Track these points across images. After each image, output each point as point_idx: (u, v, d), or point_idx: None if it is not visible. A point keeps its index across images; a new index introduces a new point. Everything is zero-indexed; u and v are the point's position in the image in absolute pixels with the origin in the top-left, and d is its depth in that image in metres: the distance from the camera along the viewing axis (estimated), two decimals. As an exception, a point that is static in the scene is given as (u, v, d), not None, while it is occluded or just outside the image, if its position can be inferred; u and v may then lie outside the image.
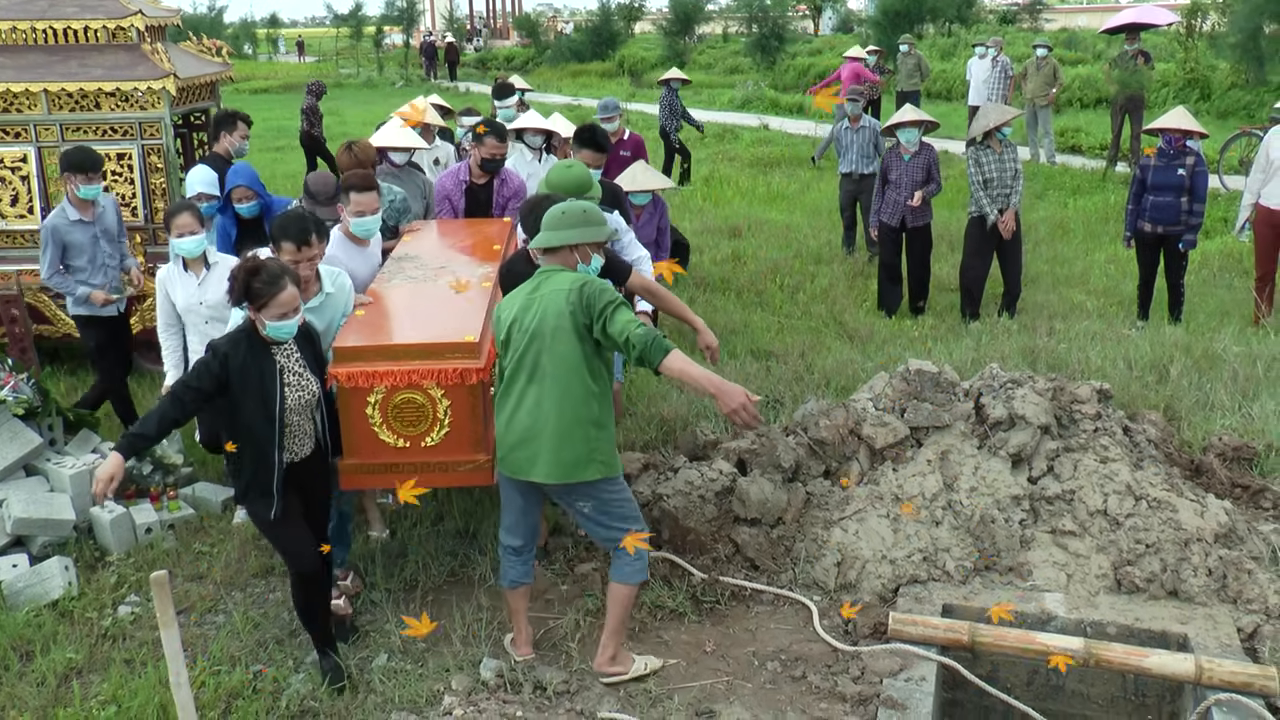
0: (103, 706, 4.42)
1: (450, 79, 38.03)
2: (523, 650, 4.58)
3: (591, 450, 4.16)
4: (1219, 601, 4.69)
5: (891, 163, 9.22)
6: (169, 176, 7.78)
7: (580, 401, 4.13)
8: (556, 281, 4.19)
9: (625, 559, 4.33)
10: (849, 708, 4.21)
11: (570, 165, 5.37)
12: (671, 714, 4.20)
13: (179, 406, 4.16)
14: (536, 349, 4.13)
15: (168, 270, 5.73)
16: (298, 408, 4.35)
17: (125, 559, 5.61)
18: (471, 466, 4.59)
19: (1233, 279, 10.30)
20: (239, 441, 4.31)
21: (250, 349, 4.26)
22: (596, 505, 4.28)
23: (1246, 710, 4.04)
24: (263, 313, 4.18)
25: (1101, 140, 17.11)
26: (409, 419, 4.50)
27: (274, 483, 4.32)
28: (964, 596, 4.81)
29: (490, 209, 6.87)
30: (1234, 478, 5.55)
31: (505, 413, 4.26)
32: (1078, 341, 7.46)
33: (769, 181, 15.90)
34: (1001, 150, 8.73)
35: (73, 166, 6.36)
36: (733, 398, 3.93)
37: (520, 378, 4.18)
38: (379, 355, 4.50)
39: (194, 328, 5.74)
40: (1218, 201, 12.65)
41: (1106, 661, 4.32)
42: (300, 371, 4.38)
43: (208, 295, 5.67)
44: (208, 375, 4.18)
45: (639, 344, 3.97)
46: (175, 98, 7.72)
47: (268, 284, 4.14)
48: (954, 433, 5.31)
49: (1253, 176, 8.72)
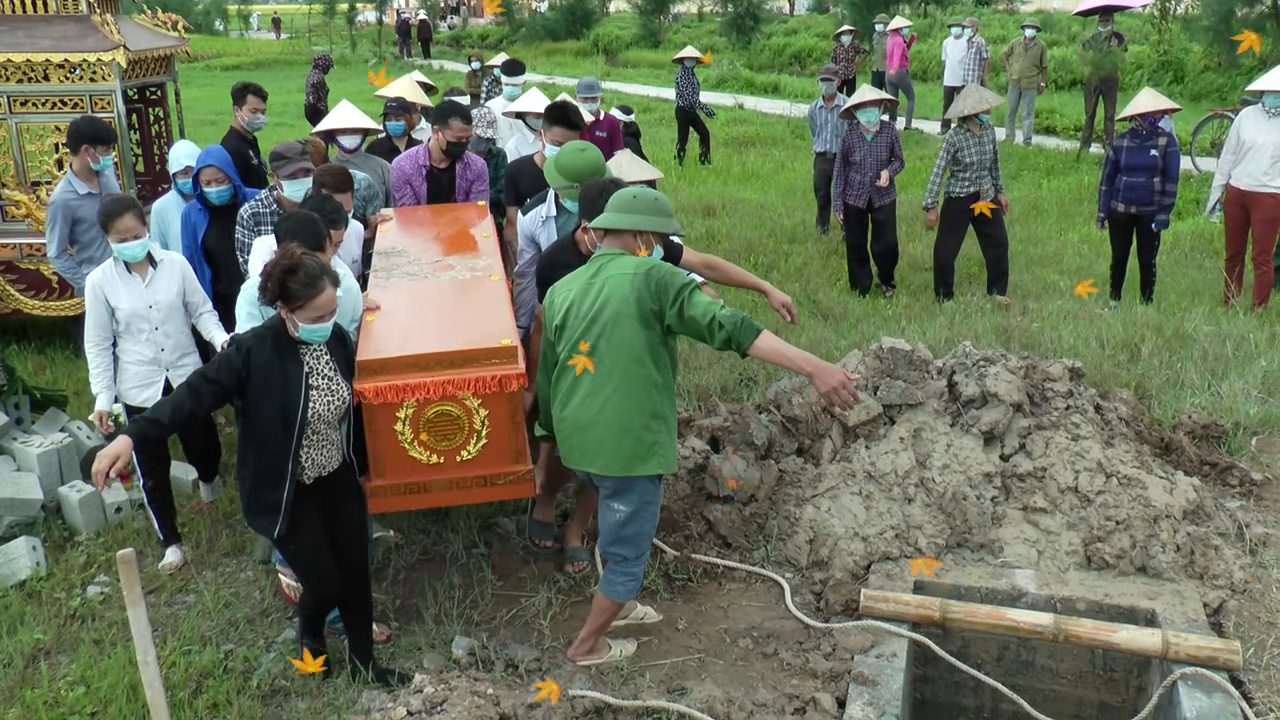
0: (71, 687, 4.39)
1: (424, 56, 37.73)
2: (575, 649, 4.40)
3: (653, 443, 4.01)
4: (1186, 577, 4.74)
5: (854, 143, 9.19)
6: (121, 150, 7.63)
7: (640, 391, 3.98)
8: (619, 266, 4.02)
9: (618, 574, 4.21)
10: (820, 684, 4.23)
11: (583, 148, 5.18)
12: (643, 691, 4.20)
13: (194, 398, 3.85)
14: (595, 335, 3.97)
15: (103, 274, 5.07)
16: (325, 415, 4.00)
17: (95, 539, 5.56)
18: (512, 479, 4.33)
19: (1203, 259, 10.37)
20: (249, 446, 4.00)
21: (276, 347, 3.94)
22: (628, 515, 4.10)
23: (1211, 684, 4.09)
24: (297, 314, 3.87)
25: (1076, 121, 17.17)
26: (443, 433, 4.21)
27: (283, 497, 3.98)
28: (936, 573, 4.83)
29: (453, 193, 6.62)
30: (1203, 455, 5.60)
31: (559, 401, 4.12)
32: (1050, 320, 7.51)
33: (743, 161, 15.87)
34: (980, 133, 8.75)
35: (89, 138, 6.32)
36: (832, 377, 3.84)
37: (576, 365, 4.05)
38: (409, 367, 4.18)
39: (139, 336, 5.12)
40: (1190, 183, 12.73)
41: (1076, 637, 4.36)
42: (330, 375, 4.04)
43: (158, 296, 5.13)
44: (228, 370, 3.87)
45: (728, 325, 3.83)
46: (126, 70, 7.58)
47: (306, 285, 3.83)
48: (927, 410, 5.32)
49: (1223, 158, 8.77)
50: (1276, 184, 8.38)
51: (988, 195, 8.82)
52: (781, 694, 4.17)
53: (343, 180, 5.27)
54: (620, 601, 4.26)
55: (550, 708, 3.72)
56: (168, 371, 5.19)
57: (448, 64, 33.93)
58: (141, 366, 5.15)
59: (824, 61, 22.12)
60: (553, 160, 5.21)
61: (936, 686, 4.88)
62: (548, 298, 4.23)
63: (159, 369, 5.18)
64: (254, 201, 5.48)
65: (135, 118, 8.70)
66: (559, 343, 4.12)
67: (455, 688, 3.61)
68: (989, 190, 8.82)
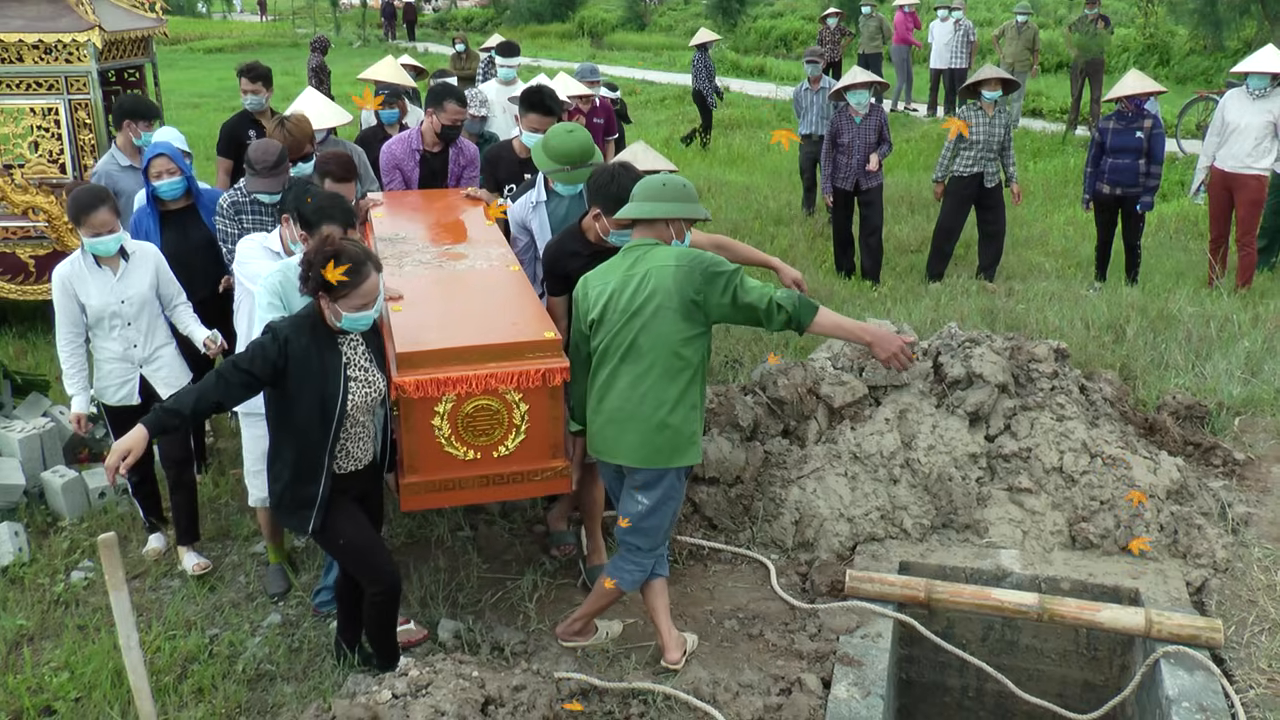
0: (55, 673, 4.37)
1: (409, 39, 37.50)
2: (671, 655, 4.24)
3: (691, 434, 3.96)
4: (1170, 556, 4.76)
5: (842, 125, 9.13)
6: (98, 133, 7.54)
7: (680, 383, 3.91)
8: (658, 257, 3.94)
9: (629, 563, 4.15)
10: (806, 665, 4.24)
11: (571, 129, 5.06)
12: (629, 673, 4.21)
13: (223, 388, 3.67)
14: (634, 328, 3.90)
15: (71, 267, 4.85)
16: (362, 406, 3.88)
17: (78, 524, 5.53)
18: (549, 474, 4.26)
19: (1188, 241, 10.41)
20: (284, 440, 3.85)
21: (314, 336, 3.78)
22: (651, 508, 4.03)
23: (1193, 662, 4.11)
24: (340, 303, 3.70)
25: (1062, 104, 17.18)
26: (481, 428, 4.10)
27: (318, 492, 3.86)
28: (921, 554, 4.85)
29: (445, 179, 6.47)
30: (1186, 435, 5.62)
31: (594, 392, 4.05)
32: (1036, 302, 7.52)
33: (729, 143, 15.84)
34: (993, 114, 8.72)
35: (130, 113, 6.35)
36: (891, 343, 3.95)
37: (612, 358, 3.96)
38: (450, 360, 4.05)
39: (110, 333, 4.93)
40: (1175, 165, 12.76)
41: (1060, 616, 4.38)
42: (366, 366, 3.91)
43: (130, 290, 4.90)
44: (263, 360, 3.68)
45: (788, 305, 3.82)
46: (102, 52, 7.47)
47: (350, 272, 3.66)
48: (912, 392, 5.33)
49: (1208, 140, 8.80)
50: (1260, 166, 8.42)
51: (993, 179, 8.82)
52: (767, 675, 4.18)
53: (348, 168, 5.09)
54: (625, 590, 4.21)
55: (536, 690, 3.72)
56: (141, 369, 5.01)
57: (432, 47, 33.73)
58: (114, 364, 4.97)
59: (810, 44, 22.05)
60: (541, 144, 5.11)
61: (922, 666, 4.90)
62: (580, 289, 4.11)
63: (132, 366, 4.99)
64: (234, 190, 5.31)
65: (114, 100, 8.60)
66: (596, 336, 4.02)
67: (440, 670, 3.60)
68: (994, 174, 8.82)
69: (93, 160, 7.54)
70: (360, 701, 3.43)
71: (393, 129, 7.30)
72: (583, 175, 4.97)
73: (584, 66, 9.80)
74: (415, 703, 3.40)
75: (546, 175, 5.13)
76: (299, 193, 4.46)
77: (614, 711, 4.00)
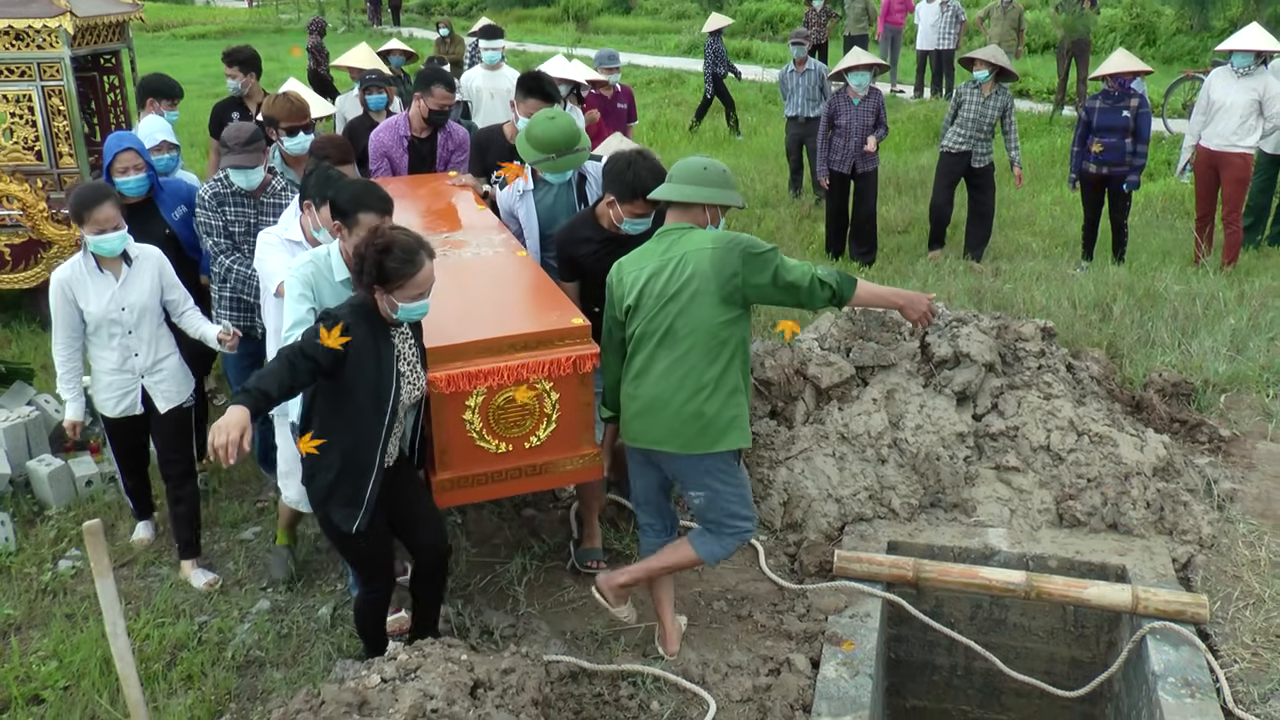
0: (43, 662, 4.35)
1: (394, 24, 37.26)
2: (671, 648, 4.21)
3: (732, 418, 3.87)
4: (1156, 533, 4.79)
5: (840, 107, 9.11)
6: (72, 120, 7.46)
7: (717, 367, 3.82)
8: (694, 240, 3.85)
9: (716, 537, 4.01)
10: (794, 645, 4.25)
11: (553, 116, 4.86)
12: (618, 655, 4.22)
13: (292, 372, 3.53)
14: (671, 312, 3.80)
15: (71, 271, 4.59)
16: (407, 403, 3.79)
17: (65, 512, 5.50)
18: (582, 462, 4.21)
19: (1174, 220, 10.43)
20: (332, 435, 3.70)
21: (370, 326, 3.66)
22: (710, 497, 3.93)
23: (1178, 637, 4.14)
24: (396, 294, 3.61)
25: (1048, 84, 17.16)
26: (512, 420, 4.04)
27: (368, 490, 3.74)
28: (909, 533, 4.86)
29: (434, 164, 6.40)
30: (1172, 413, 5.65)
31: (629, 379, 3.95)
32: (1023, 281, 7.54)
33: (715, 126, 15.80)
34: (988, 95, 8.73)
35: (154, 91, 6.37)
36: (920, 303, 4.10)
37: (649, 344, 3.86)
38: (481, 352, 3.97)
39: (109, 341, 4.68)
40: (1161, 145, 12.77)
41: (1047, 594, 4.40)
42: (413, 363, 3.80)
43: (131, 297, 4.65)
44: (324, 347, 3.56)
45: (831, 281, 3.84)
46: (75, 38, 7.37)
47: (405, 261, 3.56)
48: (900, 371, 5.33)
49: (1193, 119, 8.82)
50: (1246, 144, 8.44)
51: (982, 160, 8.86)
52: (756, 655, 4.19)
53: (345, 150, 5.03)
54: (699, 558, 4.04)
55: (525, 673, 3.72)
56: (143, 379, 4.77)
57: (418, 32, 33.54)
58: (115, 375, 4.73)
59: (796, 26, 21.98)
60: (524, 134, 4.95)
61: (910, 646, 4.91)
62: (614, 275, 4.00)
63: (132, 377, 4.75)
64: (215, 181, 5.18)
65: (89, 86, 8.52)
66: (632, 321, 3.92)
67: (429, 654, 3.59)
68: (984, 155, 8.85)
69: (68, 147, 7.47)
70: (349, 686, 3.43)
71: (379, 115, 7.23)
72: (570, 162, 4.88)
73: (603, 52, 9.55)
74: (404, 686, 3.39)
75: (532, 165, 5.00)
76: (320, 178, 4.33)
77: (603, 693, 4.01)
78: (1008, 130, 8.81)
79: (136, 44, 8.69)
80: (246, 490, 5.68)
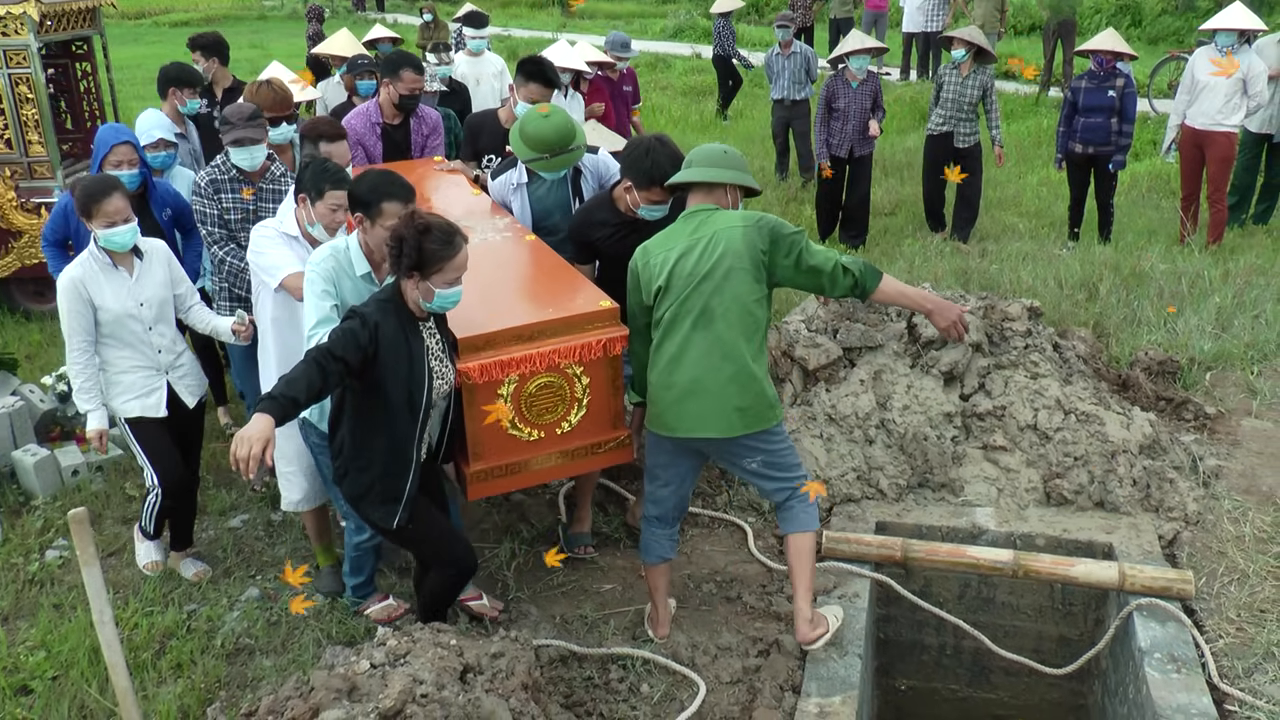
0: (31, 652, 4.35)
1: (378, 9, 37.04)
2: (662, 631, 4.20)
3: (772, 394, 3.85)
4: (1142, 510, 4.81)
5: (838, 90, 9.07)
6: (41, 108, 7.38)
7: (755, 345, 3.81)
8: (723, 219, 3.83)
9: (800, 507, 3.97)
10: (784, 626, 4.26)
11: (547, 114, 4.74)
12: (607, 639, 4.22)
13: (322, 375, 3.40)
14: (705, 292, 3.75)
15: (83, 269, 4.36)
16: (438, 397, 3.73)
17: (52, 503, 5.49)
18: (613, 445, 4.18)
19: (1160, 199, 10.47)
20: (369, 432, 3.65)
21: (400, 320, 3.59)
22: (765, 459, 3.91)
23: (1165, 614, 4.16)
24: (431, 279, 3.53)
25: (1034, 66, 17.16)
26: (544, 406, 4.00)
27: (406, 486, 3.71)
28: (897, 514, 4.88)
29: (409, 151, 6.28)
30: (1158, 391, 5.67)
31: (662, 365, 3.85)
32: (1009, 262, 7.55)
33: (701, 109, 15.77)
34: (966, 74, 8.74)
35: (174, 80, 6.32)
36: (950, 311, 3.98)
37: (683, 325, 3.79)
38: (512, 339, 3.92)
39: (126, 340, 4.47)
40: (1147, 125, 12.79)
41: (1035, 572, 4.42)
42: (442, 356, 3.73)
43: (147, 292, 4.46)
44: (355, 346, 3.46)
45: (854, 269, 3.79)
46: (41, 24, 7.27)
47: (445, 243, 3.49)
48: (887, 352, 5.33)
49: (1178, 98, 8.84)
50: (1230, 123, 8.46)
51: (966, 140, 8.86)
52: (745, 637, 4.20)
53: (338, 128, 4.96)
54: (816, 531, 4.00)
55: (515, 657, 3.72)
56: (168, 375, 4.60)
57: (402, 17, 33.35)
58: (137, 374, 4.52)
59: (781, 9, 21.92)
60: (516, 131, 4.83)
61: (899, 625, 4.93)
62: (640, 259, 3.93)
63: (158, 374, 4.57)
64: (212, 168, 5.04)
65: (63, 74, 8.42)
66: (662, 305, 3.85)
67: (419, 640, 3.59)
68: (967, 135, 8.85)
69: (37, 136, 7.38)
70: (339, 672, 3.42)
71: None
72: (564, 161, 4.80)
73: (616, 37, 9.41)
74: (393, 672, 3.39)
75: (526, 165, 4.92)
76: (317, 171, 4.24)
77: (593, 677, 4.02)
78: (989, 109, 8.82)
79: (118, 32, 8.65)
80: (235, 478, 5.66)
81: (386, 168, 4.23)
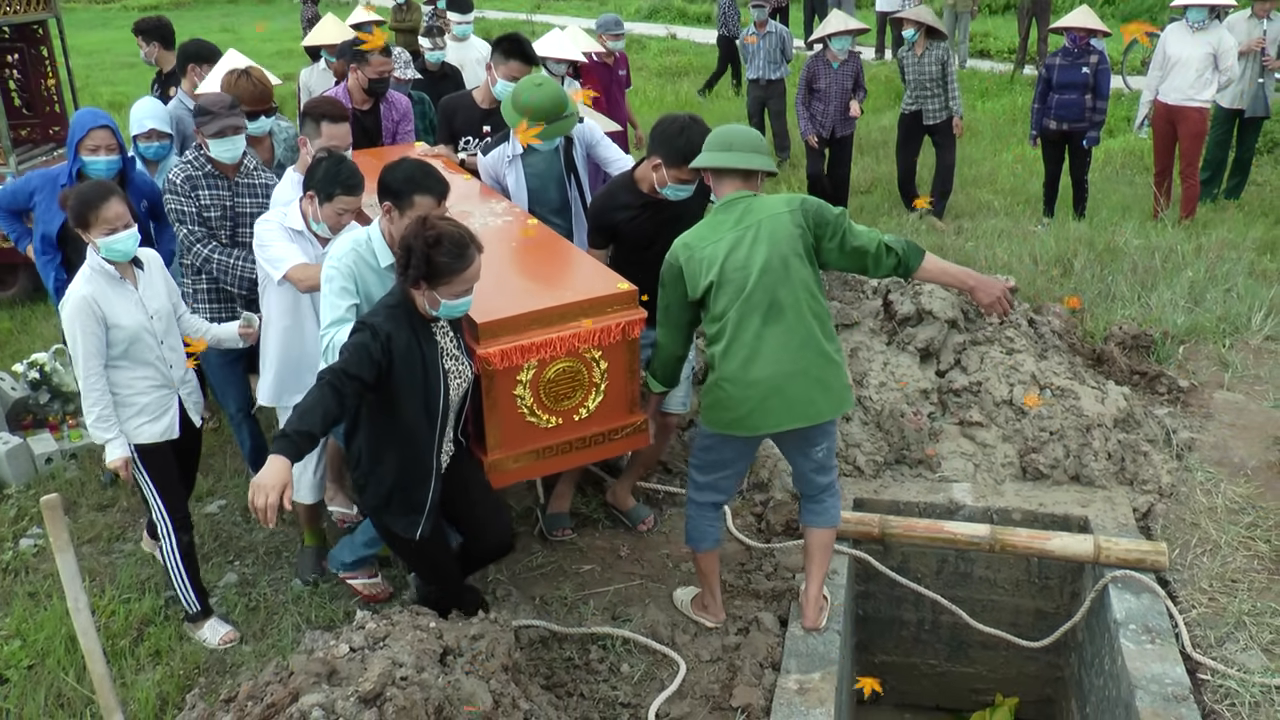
0: (7, 641, 4.32)
1: (354, -7, 36.72)
2: (720, 616, 4.18)
3: (849, 377, 3.78)
4: (1117, 484, 4.85)
5: (819, 71, 9.05)
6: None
7: (827, 329, 3.73)
8: (766, 206, 3.72)
9: (832, 501, 3.99)
10: (763, 604, 4.28)
11: (540, 83, 4.71)
12: (587, 619, 4.23)
13: (338, 399, 3.29)
14: (769, 284, 3.63)
15: (92, 287, 3.95)
16: (456, 398, 3.64)
17: (25, 491, 5.44)
18: (629, 431, 4.13)
19: (1134, 175, 10.52)
20: (386, 444, 3.57)
21: (412, 327, 3.48)
22: (829, 445, 3.89)
23: (1139, 585, 4.20)
24: (441, 289, 3.41)
25: (1010, 44, 17.20)
26: (562, 392, 3.94)
27: (428, 495, 3.64)
28: (874, 490, 4.90)
29: (380, 138, 6.13)
30: (1133, 365, 5.70)
31: (736, 366, 3.68)
32: (985, 239, 7.57)
33: (677, 90, 15.72)
34: (920, 53, 8.77)
35: (194, 56, 6.18)
36: (994, 288, 3.83)
37: (752, 322, 3.65)
38: (531, 324, 3.83)
39: (141, 358, 4.09)
40: (1120, 101, 12.84)
41: (1011, 546, 4.45)
42: (457, 355, 3.62)
43: (154, 303, 4.11)
44: (369, 362, 3.35)
45: (898, 248, 3.72)
46: None
47: (456, 256, 3.36)
48: (863, 330, 5.35)
49: (1150, 73, 8.88)
50: (1202, 98, 8.51)
51: (935, 116, 8.89)
52: (725, 615, 4.21)
53: (340, 109, 4.75)
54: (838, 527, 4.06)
55: (495, 639, 3.73)
56: (179, 391, 4.27)
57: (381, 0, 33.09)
58: (152, 394, 4.15)
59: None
60: (510, 100, 4.77)
61: (878, 601, 4.96)
62: (682, 254, 3.75)
63: (170, 392, 4.22)
64: (184, 164, 4.75)
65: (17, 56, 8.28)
66: (719, 301, 3.70)
67: (398, 623, 3.58)
68: (935, 111, 8.88)
69: None
70: (318, 656, 3.41)
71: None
72: (559, 129, 4.75)
73: (607, 18, 9.25)
74: (373, 655, 3.38)
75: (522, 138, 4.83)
76: (330, 171, 4.08)
77: (574, 657, 4.03)
78: (948, 82, 8.84)
79: (86, 16, 8.53)
80: (212, 464, 5.62)
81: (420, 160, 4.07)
